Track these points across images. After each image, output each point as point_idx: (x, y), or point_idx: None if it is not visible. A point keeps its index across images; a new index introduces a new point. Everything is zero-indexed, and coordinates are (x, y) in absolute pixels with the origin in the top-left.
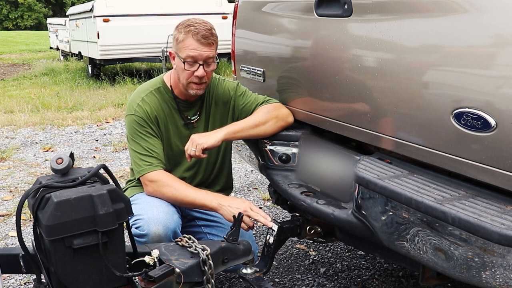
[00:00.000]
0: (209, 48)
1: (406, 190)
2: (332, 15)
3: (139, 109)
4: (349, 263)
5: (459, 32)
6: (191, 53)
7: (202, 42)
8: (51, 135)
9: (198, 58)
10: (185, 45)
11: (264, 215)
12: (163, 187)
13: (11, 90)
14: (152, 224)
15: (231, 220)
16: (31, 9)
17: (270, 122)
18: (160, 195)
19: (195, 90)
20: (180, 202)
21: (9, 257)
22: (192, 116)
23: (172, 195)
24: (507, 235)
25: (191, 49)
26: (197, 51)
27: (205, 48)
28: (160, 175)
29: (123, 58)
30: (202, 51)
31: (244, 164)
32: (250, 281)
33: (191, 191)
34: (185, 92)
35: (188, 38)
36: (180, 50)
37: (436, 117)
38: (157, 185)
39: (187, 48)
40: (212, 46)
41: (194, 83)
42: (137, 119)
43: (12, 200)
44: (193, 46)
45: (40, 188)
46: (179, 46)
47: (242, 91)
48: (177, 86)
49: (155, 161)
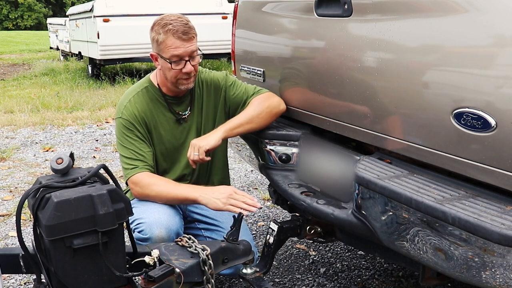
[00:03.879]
0: (191, 43)
1: (406, 190)
2: (332, 15)
3: (126, 111)
4: (349, 263)
5: (459, 32)
6: (175, 52)
7: (183, 38)
8: (51, 135)
9: (183, 55)
10: (167, 45)
11: (250, 197)
12: (145, 188)
13: (11, 90)
14: (154, 227)
15: (216, 209)
16: (31, 9)
17: (264, 113)
18: (145, 196)
19: (185, 85)
20: (165, 200)
21: (9, 257)
22: (183, 112)
23: (155, 194)
24: (507, 235)
25: (174, 48)
26: (181, 48)
27: (188, 43)
28: (141, 177)
29: (123, 58)
30: (186, 47)
31: (244, 164)
32: (250, 281)
33: (172, 186)
34: (175, 89)
35: (169, 38)
36: (163, 51)
37: (436, 117)
38: (140, 187)
39: (170, 47)
40: (193, 40)
41: (184, 79)
42: (124, 122)
43: (12, 200)
44: (175, 44)
45: (40, 188)
46: (161, 47)
47: (231, 81)
48: (164, 84)
49: (140, 163)
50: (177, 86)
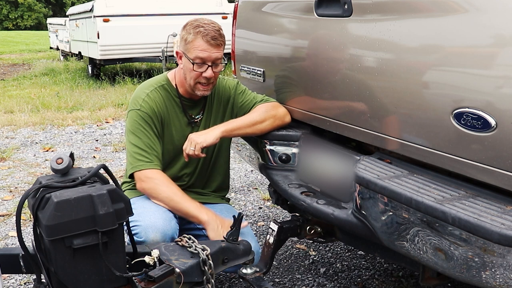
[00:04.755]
0: (217, 49)
1: (406, 190)
2: (332, 15)
3: (145, 105)
4: (349, 263)
5: (459, 32)
6: (200, 54)
7: (211, 43)
8: (51, 135)
9: (207, 59)
10: (194, 46)
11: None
12: (161, 186)
13: (11, 90)
14: (149, 231)
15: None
16: (31, 9)
17: (267, 121)
18: (155, 193)
19: (202, 91)
20: (172, 206)
21: (9, 257)
22: (196, 115)
23: (167, 196)
24: (507, 235)
25: (200, 50)
26: (207, 52)
27: (214, 49)
28: (159, 174)
29: (123, 58)
30: (212, 53)
31: (244, 164)
32: (250, 281)
33: (185, 199)
34: (191, 92)
35: (198, 39)
36: (189, 50)
37: (436, 117)
38: (155, 183)
39: (196, 49)
40: (220, 47)
41: (201, 84)
42: (143, 114)
43: (12, 200)
44: (202, 47)
45: (40, 188)
46: (188, 46)
47: (242, 89)
48: (182, 85)
49: (155, 159)
50: (194, 90)
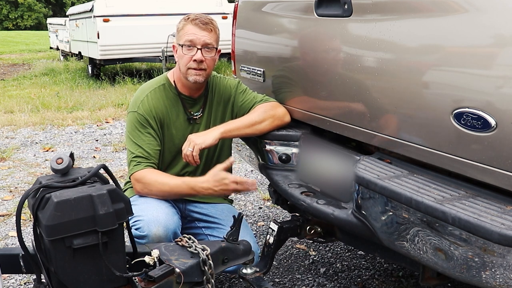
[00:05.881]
0: (207, 33)
1: (406, 190)
2: (332, 15)
3: (143, 106)
4: (349, 263)
5: (459, 32)
6: (189, 37)
7: (200, 26)
8: (51, 135)
9: (196, 42)
10: (184, 32)
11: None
12: (149, 184)
13: (11, 90)
14: (152, 225)
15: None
16: (31, 9)
17: (267, 121)
18: (148, 192)
19: (194, 76)
20: (168, 195)
21: (9, 257)
22: (196, 112)
23: (158, 190)
24: (507, 235)
25: (189, 34)
26: (195, 35)
27: (203, 32)
28: (144, 173)
29: (123, 58)
30: (200, 35)
31: (244, 164)
32: (250, 281)
33: (174, 180)
34: (186, 81)
35: (187, 25)
36: (180, 38)
37: (436, 117)
38: (142, 183)
39: (185, 33)
40: (210, 33)
41: (193, 69)
42: (139, 117)
43: (12, 200)
44: (191, 31)
45: (40, 188)
46: (179, 34)
47: (242, 89)
48: (179, 80)
49: (144, 160)
50: (187, 76)
